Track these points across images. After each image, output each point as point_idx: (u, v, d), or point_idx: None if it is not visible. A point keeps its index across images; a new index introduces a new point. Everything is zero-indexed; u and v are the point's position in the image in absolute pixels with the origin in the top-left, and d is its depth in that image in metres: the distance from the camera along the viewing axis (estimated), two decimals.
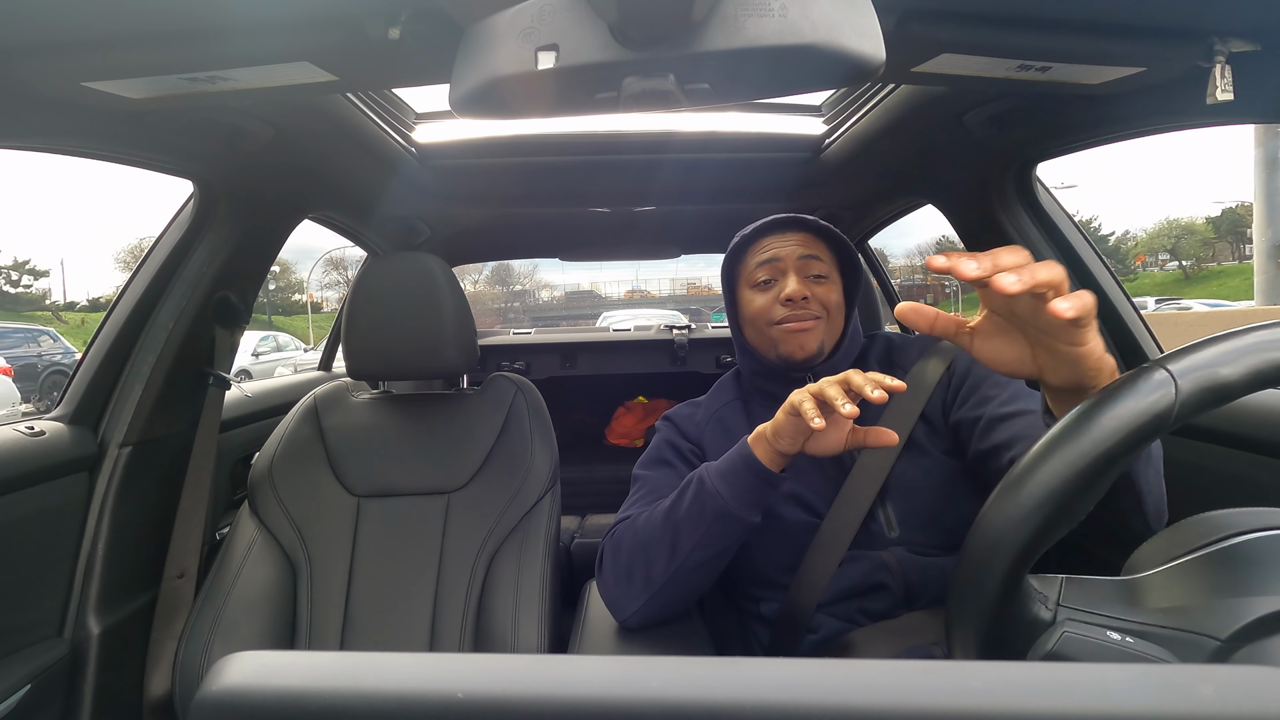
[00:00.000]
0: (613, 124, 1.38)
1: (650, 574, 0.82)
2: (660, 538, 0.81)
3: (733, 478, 0.77)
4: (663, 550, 0.81)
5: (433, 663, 0.23)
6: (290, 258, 47.98)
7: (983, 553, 0.40)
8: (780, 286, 0.91)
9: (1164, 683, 0.21)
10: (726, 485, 0.77)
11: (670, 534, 0.81)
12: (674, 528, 0.80)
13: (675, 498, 0.82)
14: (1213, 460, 0.97)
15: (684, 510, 0.80)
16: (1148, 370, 0.39)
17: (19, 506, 0.89)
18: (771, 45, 0.50)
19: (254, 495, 1.08)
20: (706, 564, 0.80)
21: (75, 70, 0.67)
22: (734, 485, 0.77)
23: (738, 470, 0.77)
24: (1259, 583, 0.38)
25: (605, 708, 0.21)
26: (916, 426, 0.88)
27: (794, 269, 0.91)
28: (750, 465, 0.76)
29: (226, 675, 0.23)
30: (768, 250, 0.93)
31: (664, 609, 0.84)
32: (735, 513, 0.77)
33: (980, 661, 0.37)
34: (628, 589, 0.84)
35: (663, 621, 0.86)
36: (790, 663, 0.22)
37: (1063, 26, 0.68)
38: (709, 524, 0.78)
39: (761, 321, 0.92)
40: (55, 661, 0.91)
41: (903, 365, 0.96)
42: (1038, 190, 1.22)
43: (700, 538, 0.78)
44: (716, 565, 0.81)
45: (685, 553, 0.79)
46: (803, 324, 0.89)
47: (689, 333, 2.43)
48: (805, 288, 0.89)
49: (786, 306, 0.90)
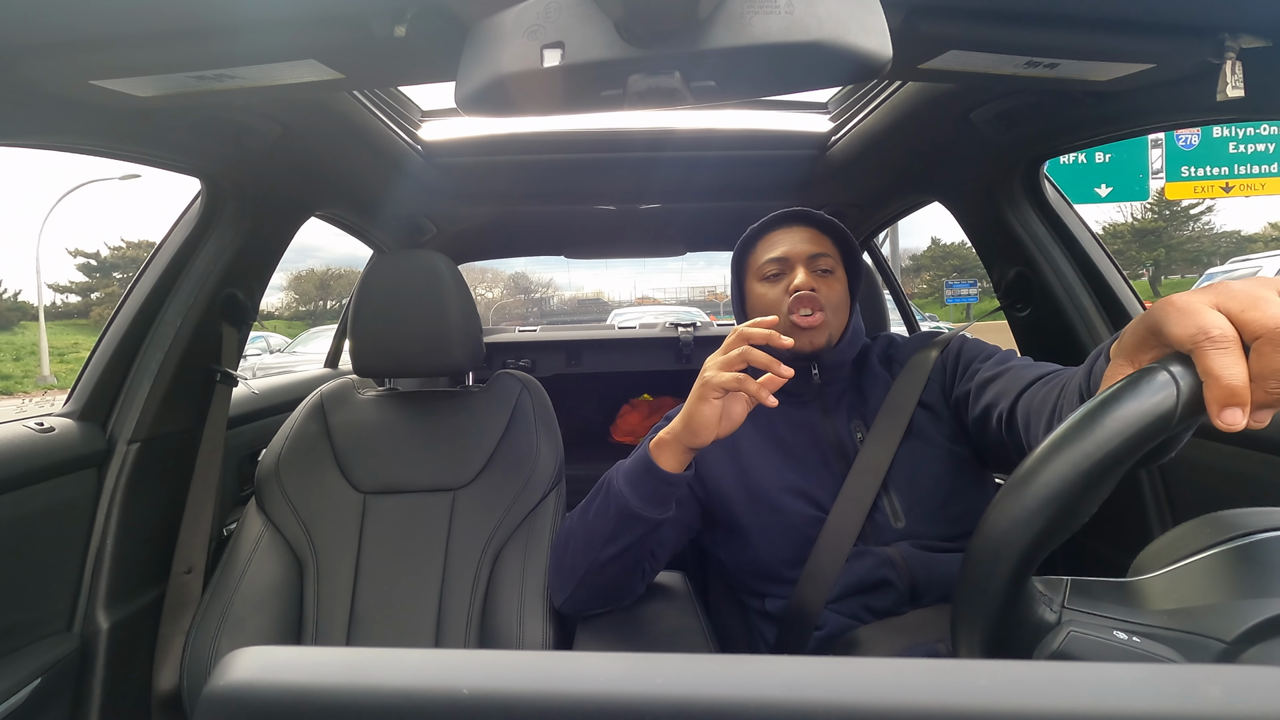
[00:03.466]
0: (618, 121, 1.38)
1: (574, 565, 0.87)
2: (579, 533, 0.87)
3: (636, 481, 0.80)
4: (581, 545, 0.86)
5: (438, 659, 0.24)
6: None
7: (988, 553, 0.40)
8: (788, 280, 0.92)
9: (1170, 682, 0.21)
10: (630, 487, 0.80)
11: (585, 530, 0.85)
12: (588, 525, 0.85)
13: (591, 496, 0.87)
14: (1220, 460, 0.96)
15: (594, 509, 0.85)
16: (1151, 371, 0.39)
17: (29, 502, 0.89)
18: (778, 42, 0.49)
19: (261, 491, 1.09)
20: (620, 557, 0.84)
21: (84, 69, 0.67)
22: (637, 487, 0.80)
23: (639, 474, 0.80)
24: (1267, 584, 0.37)
25: (610, 704, 0.21)
26: (917, 414, 0.90)
27: (802, 263, 0.92)
28: (650, 469, 0.79)
29: (234, 670, 0.23)
30: (776, 244, 0.95)
31: (590, 598, 0.90)
32: (639, 512, 0.79)
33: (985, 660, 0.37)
34: (557, 577, 0.92)
35: (597, 609, 0.92)
36: (796, 660, 0.22)
37: (1071, 23, 0.68)
38: (615, 522, 0.81)
39: (769, 313, 0.93)
40: (64, 656, 0.92)
41: (900, 360, 0.98)
42: (1045, 188, 1.21)
43: (610, 534, 0.82)
44: (633, 558, 0.85)
45: (599, 547, 0.84)
46: (810, 319, 0.90)
47: (694, 330, 2.43)
48: (813, 281, 0.91)
49: (795, 299, 0.90)
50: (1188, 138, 9.35)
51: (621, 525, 0.81)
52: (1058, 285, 1.20)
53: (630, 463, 0.82)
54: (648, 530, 0.81)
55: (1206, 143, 9.45)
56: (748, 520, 0.90)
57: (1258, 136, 9.12)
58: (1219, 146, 9.47)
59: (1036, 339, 1.31)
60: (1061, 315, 1.20)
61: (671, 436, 0.77)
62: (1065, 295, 1.19)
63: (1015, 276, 1.27)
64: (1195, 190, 9.72)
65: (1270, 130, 8.84)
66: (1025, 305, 1.27)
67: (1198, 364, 0.37)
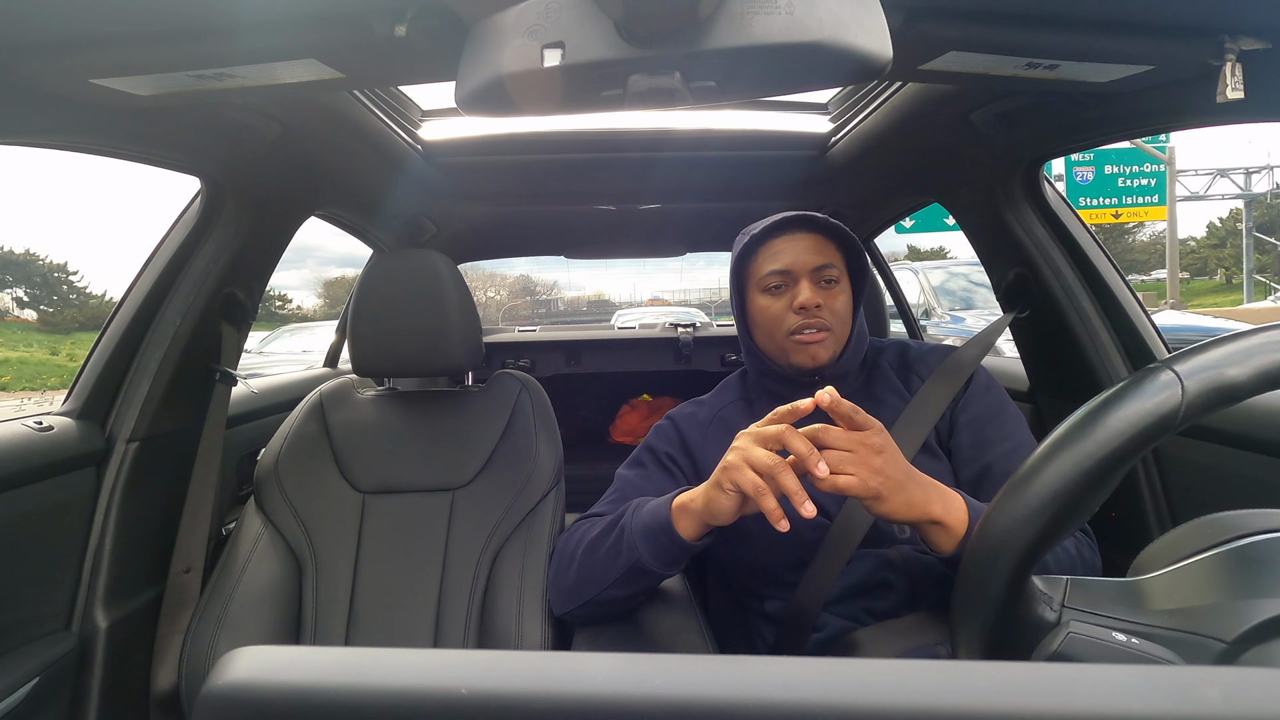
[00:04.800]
0: (619, 121, 1.38)
1: (579, 591, 0.86)
2: (585, 563, 0.85)
3: (653, 539, 0.78)
4: (587, 576, 0.85)
5: (437, 659, 0.24)
6: None
7: (988, 553, 0.40)
8: (793, 294, 0.89)
9: (1169, 684, 0.21)
10: (646, 544, 0.78)
11: (594, 566, 0.84)
12: (597, 562, 0.84)
13: (603, 530, 0.85)
14: (1220, 461, 0.96)
15: (605, 549, 0.83)
16: (1154, 371, 0.38)
17: (27, 501, 0.89)
18: (778, 43, 0.49)
19: (260, 491, 1.09)
20: (623, 600, 0.84)
21: (84, 68, 0.67)
22: (653, 546, 0.78)
23: (657, 534, 0.78)
24: (1266, 585, 0.37)
25: (609, 705, 0.21)
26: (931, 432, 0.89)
27: (807, 276, 0.89)
28: (668, 533, 0.77)
29: (232, 670, 0.23)
30: (779, 255, 0.90)
31: (591, 615, 0.89)
32: (651, 568, 0.78)
33: (985, 662, 0.37)
34: (558, 593, 0.91)
35: (596, 622, 0.91)
36: (795, 662, 0.22)
37: (1071, 24, 0.68)
38: (624, 571, 0.80)
39: (773, 328, 0.91)
40: (62, 655, 0.92)
41: (920, 374, 0.95)
42: (1045, 189, 1.21)
43: (617, 579, 0.82)
44: (635, 599, 0.85)
45: (603, 586, 0.83)
46: (815, 336, 0.88)
47: (694, 331, 2.42)
48: (818, 296, 0.88)
49: (799, 315, 0.88)
50: (1084, 174, 10.86)
51: (632, 575, 0.80)
52: (1057, 286, 1.20)
53: (649, 517, 0.79)
54: (658, 582, 0.81)
55: (1100, 178, 10.94)
56: (749, 523, 0.89)
57: (1142, 174, 10.78)
58: (1110, 181, 11.00)
59: (1036, 340, 1.31)
60: (1061, 316, 1.20)
61: (695, 509, 0.74)
62: (1064, 296, 1.19)
63: (1015, 278, 1.27)
64: (1090, 218, 10.94)
65: (1151, 169, 10.53)
66: (1025, 306, 1.27)
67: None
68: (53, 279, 32.05)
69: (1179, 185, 13.10)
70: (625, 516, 0.83)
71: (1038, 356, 1.33)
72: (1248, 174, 15.91)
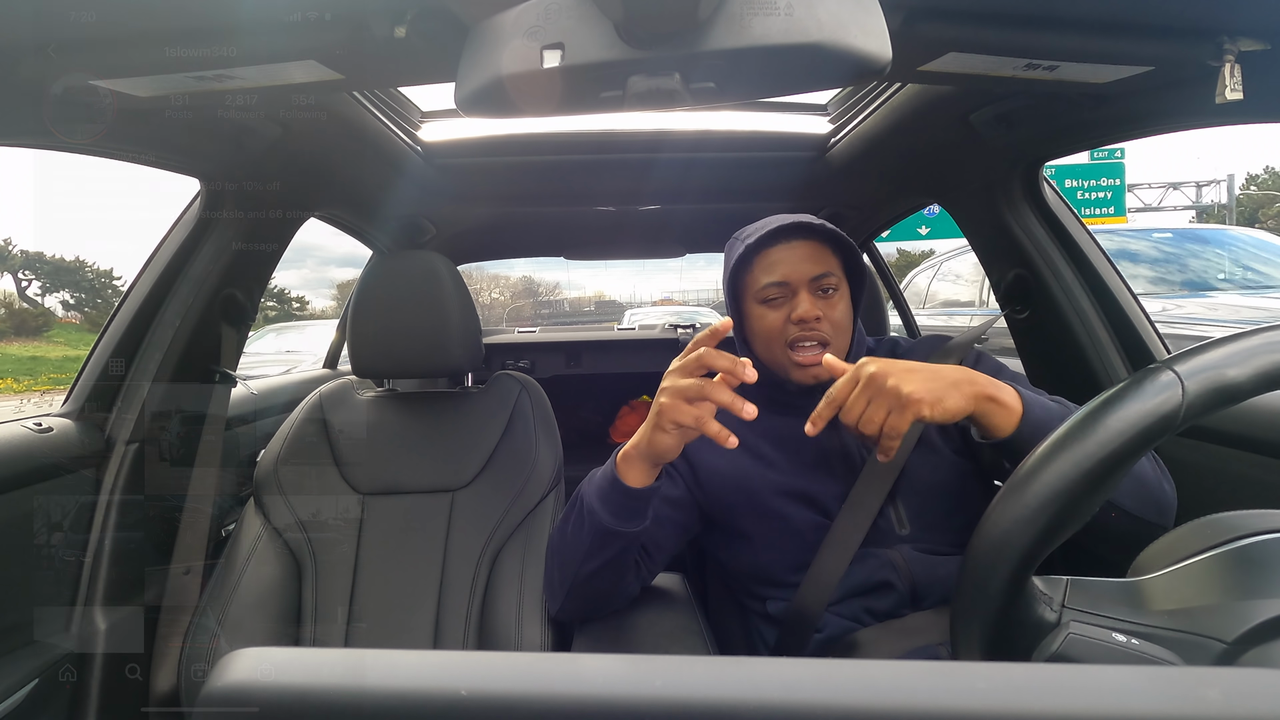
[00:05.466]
0: (618, 123, 1.38)
1: (561, 578, 0.87)
2: (559, 549, 0.87)
3: (605, 497, 0.79)
4: (563, 560, 0.86)
5: (437, 660, 0.24)
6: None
7: (988, 553, 0.39)
8: (791, 305, 0.87)
9: (1169, 685, 0.21)
10: (600, 503, 0.79)
11: (566, 545, 0.85)
12: (567, 540, 0.84)
13: (566, 512, 0.86)
14: (1220, 462, 0.96)
15: (572, 524, 0.84)
16: (1154, 371, 0.38)
17: (27, 502, 0.89)
18: (778, 44, 0.49)
19: (259, 492, 1.09)
20: (602, 571, 0.83)
21: (84, 68, 0.67)
22: (607, 504, 0.79)
23: (607, 490, 0.79)
24: (1267, 585, 0.37)
25: (609, 706, 0.21)
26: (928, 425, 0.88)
27: (805, 286, 0.87)
28: (616, 485, 0.77)
29: (232, 671, 0.23)
30: (775, 266, 0.88)
31: (583, 608, 0.90)
32: (612, 528, 0.79)
33: (985, 662, 0.37)
34: (548, 589, 0.92)
35: (593, 615, 0.92)
36: (795, 662, 0.22)
37: (1070, 25, 0.68)
38: (591, 538, 0.80)
39: (771, 339, 0.90)
40: (61, 657, 0.92)
41: None
42: (1045, 190, 1.22)
43: (588, 550, 0.81)
44: (616, 570, 0.84)
45: (579, 563, 0.83)
46: (813, 356, 0.86)
47: (694, 331, 2.42)
48: (816, 307, 0.86)
49: (799, 326, 0.87)
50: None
51: (597, 541, 0.80)
52: (1056, 287, 1.20)
53: (600, 477, 0.81)
54: (627, 543, 0.80)
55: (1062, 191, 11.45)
56: (749, 524, 0.90)
57: (1098, 187, 11.18)
58: (1070, 194, 11.40)
59: (1035, 341, 1.31)
60: (1061, 317, 1.20)
61: (636, 453, 0.75)
62: (1064, 297, 1.19)
63: (1014, 279, 1.27)
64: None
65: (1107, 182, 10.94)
66: (1024, 308, 1.27)
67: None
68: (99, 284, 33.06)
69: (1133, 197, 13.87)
70: (578, 494, 0.84)
71: (1037, 357, 1.33)
72: (1198, 186, 16.46)
